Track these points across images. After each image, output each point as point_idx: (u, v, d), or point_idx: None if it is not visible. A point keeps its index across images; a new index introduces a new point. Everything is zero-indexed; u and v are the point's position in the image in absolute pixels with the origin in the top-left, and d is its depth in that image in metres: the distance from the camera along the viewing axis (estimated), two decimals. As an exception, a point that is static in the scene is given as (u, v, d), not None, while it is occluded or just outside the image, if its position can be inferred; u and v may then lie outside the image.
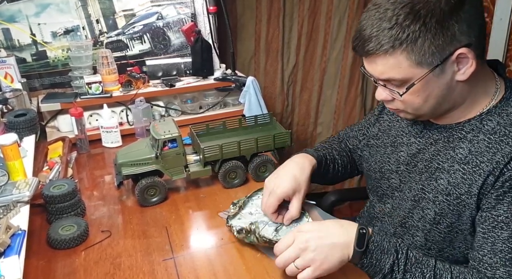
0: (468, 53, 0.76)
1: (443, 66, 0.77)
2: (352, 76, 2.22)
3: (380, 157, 1.01)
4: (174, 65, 1.64)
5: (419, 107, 0.83)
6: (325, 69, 2.19)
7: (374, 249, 0.78)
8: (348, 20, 2.08)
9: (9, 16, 1.47)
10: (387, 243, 0.79)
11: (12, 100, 1.34)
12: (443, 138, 0.87)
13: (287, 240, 0.81)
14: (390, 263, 0.77)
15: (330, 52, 2.15)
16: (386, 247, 0.78)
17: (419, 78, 0.78)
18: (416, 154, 0.92)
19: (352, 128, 1.18)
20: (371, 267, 0.79)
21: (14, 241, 0.83)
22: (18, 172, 1.01)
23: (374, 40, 0.76)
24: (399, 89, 0.81)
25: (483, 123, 0.82)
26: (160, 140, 1.09)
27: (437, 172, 0.86)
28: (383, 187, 1.00)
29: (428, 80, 0.78)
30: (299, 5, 2.01)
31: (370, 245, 0.78)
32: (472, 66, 0.78)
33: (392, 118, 1.02)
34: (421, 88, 0.80)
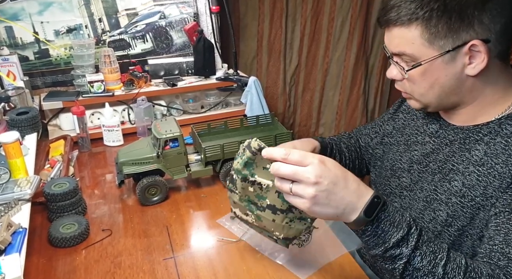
0: (481, 46, 0.75)
1: (454, 54, 0.77)
2: (355, 77, 2.22)
3: (393, 154, 1.00)
4: (176, 64, 1.64)
5: (424, 93, 0.83)
6: (327, 70, 2.19)
7: (384, 219, 0.69)
8: (351, 21, 2.08)
9: (12, 14, 1.47)
10: (400, 216, 0.70)
11: (14, 98, 1.34)
12: (459, 139, 0.85)
13: (305, 158, 0.68)
14: (397, 237, 0.69)
15: (333, 53, 2.15)
16: (397, 219, 0.69)
17: (427, 59, 0.78)
18: (430, 153, 0.90)
19: (366, 127, 1.18)
20: (374, 237, 0.70)
21: (15, 239, 0.84)
22: (19, 170, 1.02)
23: (395, 10, 0.78)
24: (407, 66, 0.81)
25: (501, 127, 0.80)
26: (162, 139, 1.09)
27: (451, 173, 0.84)
28: (392, 185, 0.99)
29: (436, 65, 0.78)
30: (302, 6, 2.01)
31: (380, 214, 0.69)
32: (483, 63, 0.76)
33: (407, 117, 1.02)
34: (427, 71, 0.80)
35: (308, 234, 0.98)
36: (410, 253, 0.69)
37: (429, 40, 0.77)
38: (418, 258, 0.69)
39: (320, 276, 0.87)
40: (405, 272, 0.69)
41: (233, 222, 1.03)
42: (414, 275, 0.69)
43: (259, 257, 0.92)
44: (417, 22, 0.77)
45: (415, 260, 0.69)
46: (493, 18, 0.75)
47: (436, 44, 0.77)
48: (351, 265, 0.90)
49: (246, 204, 0.84)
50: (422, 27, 0.77)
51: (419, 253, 0.69)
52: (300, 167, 0.68)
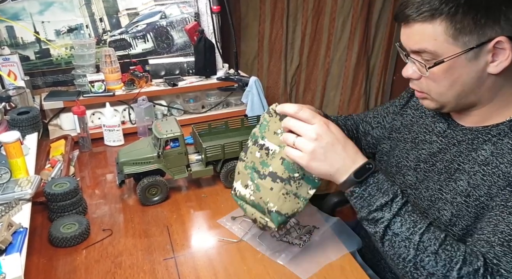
0: (506, 43, 0.73)
1: (478, 51, 0.75)
2: (356, 77, 2.22)
3: (399, 151, 0.99)
4: (177, 64, 1.64)
5: (443, 92, 0.81)
6: (328, 70, 2.19)
7: (372, 183, 0.76)
8: (352, 21, 2.08)
9: (13, 14, 1.47)
10: (389, 185, 0.76)
11: (15, 98, 1.34)
12: (467, 140, 0.84)
13: (313, 117, 0.77)
14: (381, 202, 0.75)
15: (334, 53, 2.15)
16: (385, 187, 0.76)
17: (450, 56, 0.75)
18: (437, 153, 0.89)
19: (367, 114, 1.17)
20: (360, 199, 0.76)
21: (16, 239, 0.84)
22: (20, 170, 1.02)
23: (416, 5, 0.75)
24: (428, 63, 0.78)
25: (511, 129, 0.79)
26: (162, 139, 1.09)
27: (456, 173, 0.83)
28: (397, 182, 0.98)
29: (459, 62, 0.76)
30: (303, 6, 2.00)
31: (369, 178, 0.76)
32: (507, 60, 0.75)
33: (415, 113, 1.00)
34: (450, 69, 0.77)
35: (309, 234, 0.98)
36: (391, 218, 0.74)
37: (453, 36, 0.74)
38: (398, 224, 0.74)
39: (321, 276, 0.87)
40: (385, 236, 0.74)
41: (233, 222, 1.03)
42: (392, 240, 0.74)
43: (260, 257, 0.92)
44: (441, 17, 0.74)
45: (395, 225, 0.74)
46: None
47: (460, 41, 0.74)
48: (352, 266, 0.90)
49: (249, 172, 0.90)
50: (446, 23, 0.74)
51: (399, 219, 0.74)
52: (306, 124, 0.77)
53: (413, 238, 0.73)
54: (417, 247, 0.72)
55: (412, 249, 0.72)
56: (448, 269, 0.70)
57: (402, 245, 0.73)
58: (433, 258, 0.71)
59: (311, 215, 1.05)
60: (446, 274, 0.69)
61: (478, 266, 0.69)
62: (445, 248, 0.71)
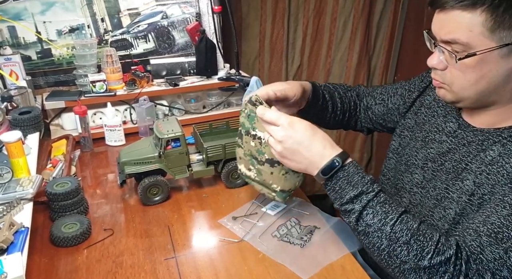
0: None
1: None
2: (357, 77, 2.22)
3: (409, 150, 0.99)
4: (178, 64, 1.64)
5: (467, 86, 0.78)
6: (329, 70, 2.19)
7: (341, 177, 0.79)
8: (353, 21, 2.08)
9: (15, 14, 1.47)
10: (359, 178, 0.79)
11: (17, 97, 1.34)
12: (478, 141, 0.83)
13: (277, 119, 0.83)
14: (351, 195, 0.78)
15: (335, 53, 2.15)
16: (355, 180, 0.78)
17: (483, 50, 0.73)
18: (446, 153, 0.88)
19: (375, 89, 1.17)
20: (332, 192, 0.81)
21: (17, 238, 0.84)
22: (22, 169, 1.02)
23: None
24: (459, 55, 0.75)
25: None
26: (164, 139, 1.09)
27: (464, 173, 0.83)
28: (405, 180, 0.98)
29: (491, 57, 0.73)
30: (304, 6, 2.00)
31: (339, 172, 0.79)
32: None
33: (428, 112, 0.99)
34: (480, 63, 0.74)
35: (310, 234, 0.98)
36: (361, 210, 0.77)
37: (491, 29, 0.71)
38: (370, 215, 0.76)
39: (322, 276, 0.87)
40: (358, 227, 0.78)
41: (234, 222, 1.03)
42: (365, 230, 0.77)
43: (261, 257, 0.92)
44: (482, 7, 0.71)
45: (367, 217, 0.76)
46: None
47: (496, 35, 0.72)
48: (353, 266, 0.90)
49: (249, 158, 0.96)
50: (487, 14, 0.71)
51: (371, 211, 0.76)
52: (272, 126, 0.84)
53: (385, 229, 0.74)
54: (389, 238, 0.74)
55: (385, 239, 0.74)
56: (420, 259, 0.71)
57: (375, 236, 0.75)
58: (405, 248, 0.73)
59: (312, 215, 1.05)
60: (418, 263, 0.71)
61: (450, 255, 0.70)
62: (417, 238, 0.73)
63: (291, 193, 0.95)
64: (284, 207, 1.08)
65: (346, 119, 1.18)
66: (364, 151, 2.43)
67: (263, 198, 1.12)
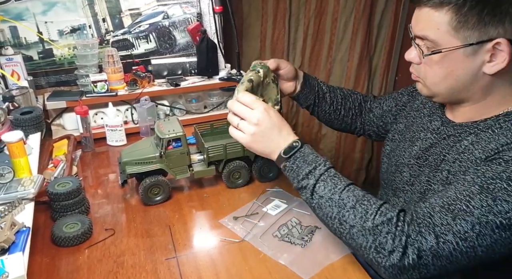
0: (506, 46, 0.74)
1: (477, 49, 0.76)
2: (358, 78, 2.22)
3: (399, 151, 1.02)
4: (179, 64, 1.64)
5: (437, 82, 0.83)
6: (330, 70, 2.19)
7: (299, 157, 0.87)
8: (354, 21, 2.08)
9: (17, 14, 1.47)
10: (314, 156, 0.86)
11: (18, 98, 1.35)
12: (456, 134, 0.87)
13: (253, 103, 0.89)
14: (306, 171, 0.85)
15: (336, 53, 2.15)
16: (310, 158, 0.86)
17: (448, 48, 0.77)
18: (429, 148, 0.92)
19: (380, 95, 1.24)
20: (291, 171, 0.87)
21: (19, 238, 0.84)
22: (23, 169, 1.02)
23: None
24: (428, 51, 0.81)
25: (497, 122, 0.81)
26: (165, 139, 1.09)
27: (442, 164, 0.86)
28: (397, 180, 1.01)
29: (456, 55, 0.78)
30: (305, 6, 2.00)
31: (297, 153, 0.87)
32: (503, 63, 0.75)
33: (416, 115, 1.03)
34: (446, 60, 0.79)
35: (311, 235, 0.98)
36: (314, 183, 0.84)
37: (455, 29, 0.75)
38: (322, 187, 0.83)
39: (323, 276, 0.87)
40: (313, 200, 0.84)
41: (235, 222, 1.04)
42: (319, 202, 0.83)
43: (262, 257, 0.92)
44: (448, 7, 0.75)
45: (320, 189, 0.83)
46: None
47: (461, 34, 0.75)
48: (354, 266, 0.90)
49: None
50: (452, 13, 0.75)
51: (322, 183, 0.83)
52: (248, 109, 0.89)
53: (334, 197, 0.81)
54: (338, 205, 0.80)
55: (335, 207, 0.81)
56: (365, 220, 0.77)
57: (327, 205, 0.82)
58: (352, 212, 0.79)
59: (313, 215, 1.05)
60: (363, 225, 0.77)
61: (391, 216, 0.75)
62: (361, 203, 0.79)
63: None
64: (285, 207, 1.08)
65: (352, 120, 1.24)
66: (364, 151, 2.43)
67: (264, 198, 1.12)
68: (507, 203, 0.69)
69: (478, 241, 0.70)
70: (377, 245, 0.74)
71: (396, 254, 0.72)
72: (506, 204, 0.69)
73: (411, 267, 0.72)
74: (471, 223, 0.70)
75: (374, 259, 0.76)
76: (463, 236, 0.70)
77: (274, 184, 1.19)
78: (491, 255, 0.71)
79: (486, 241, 0.70)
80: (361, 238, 0.77)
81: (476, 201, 0.71)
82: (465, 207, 0.71)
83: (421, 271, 0.73)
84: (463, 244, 0.70)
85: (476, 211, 0.70)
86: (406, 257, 0.72)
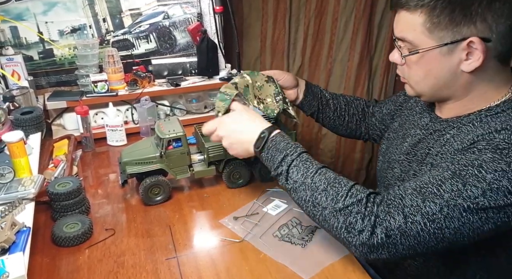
0: (478, 44, 0.76)
1: (452, 48, 0.78)
2: (358, 78, 2.21)
3: (392, 148, 1.05)
4: (179, 64, 1.64)
5: (419, 81, 0.87)
6: (331, 70, 2.18)
7: (271, 147, 0.90)
8: (355, 21, 2.08)
9: (17, 14, 1.48)
10: (285, 144, 0.89)
11: (18, 98, 1.35)
12: (441, 129, 0.90)
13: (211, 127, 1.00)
14: (279, 158, 0.88)
15: (336, 53, 2.15)
16: (281, 146, 0.89)
17: (425, 48, 0.80)
18: (417, 143, 0.94)
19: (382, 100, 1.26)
20: (267, 161, 0.91)
21: (19, 238, 0.84)
22: (23, 169, 1.02)
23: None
24: (407, 51, 0.84)
25: (478, 117, 0.84)
26: (165, 139, 1.09)
27: (427, 157, 0.89)
28: (389, 176, 1.03)
29: (433, 55, 0.81)
30: (305, 6, 2.00)
31: (268, 143, 0.91)
32: (478, 61, 0.77)
33: (409, 113, 1.06)
34: (423, 60, 0.82)
35: (311, 234, 0.98)
36: (287, 169, 0.87)
37: (429, 30, 0.78)
38: (295, 173, 0.86)
39: (323, 276, 0.87)
40: (288, 185, 0.87)
41: (236, 222, 1.04)
42: (294, 187, 0.86)
43: (262, 257, 0.92)
44: (421, 9, 0.78)
45: (293, 174, 0.86)
46: (498, 19, 0.75)
47: (435, 35, 0.78)
48: (354, 266, 0.90)
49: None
50: (425, 15, 0.78)
51: (295, 169, 0.86)
52: (213, 133, 1.00)
53: (307, 181, 0.84)
54: (311, 188, 0.83)
55: (308, 191, 0.83)
56: (336, 202, 0.79)
57: (301, 189, 0.84)
58: (323, 194, 0.81)
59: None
60: (334, 206, 0.79)
61: (361, 197, 0.78)
62: (333, 185, 0.81)
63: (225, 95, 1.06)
64: (286, 207, 1.08)
65: (357, 125, 1.28)
66: (365, 152, 2.43)
67: (264, 198, 1.12)
68: (476, 188, 0.71)
69: (445, 223, 0.72)
70: (348, 225, 0.77)
71: (365, 233, 0.75)
72: (475, 189, 0.71)
73: (380, 246, 0.75)
74: (440, 205, 0.72)
75: (345, 239, 0.79)
76: (431, 217, 0.73)
77: (274, 184, 1.19)
78: (459, 238, 0.73)
79: (454, 223, 0.72)
80: (333, 219, 0.80)
81: (447, 185, 0.73)
82: (436, 191, 0.74)
83: (390, 250, 0.75)
84: (430, 225, 0.73)
85: (446, 194, 0.73)
86: (375, 236, 0.75)
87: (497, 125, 0.78)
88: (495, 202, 0.70)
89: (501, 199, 0.70)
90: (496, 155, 0.72)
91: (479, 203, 0.71)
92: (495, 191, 0.70)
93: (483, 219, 0.72)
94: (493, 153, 0.73)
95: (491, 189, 0.71)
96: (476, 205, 0.71)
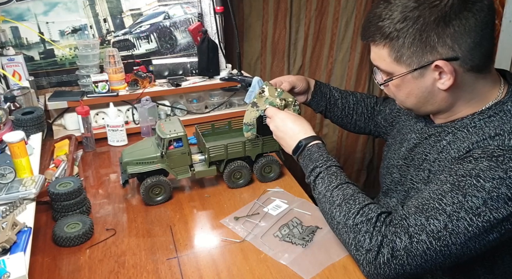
0: (445, 66, 0.78)
1: (422, 71, 0.81)
2: (359, 78, 2.22)
3: (390, 153, 1.06)
4: (180, 64, 1.64)
5: (403, 100, 0.91)
6: (331, 70, 2.19)
7: (306, 156, 0.98)
8: (355, 21, 2.08)
9: (18, 15, 1.48)
10: (318, 155, 0.96)
11: (19, 98, 1.35)
12: (436, 133, 0.91)
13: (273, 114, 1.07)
14: (310, 168, 0.96)
15: (337, 53, 2.15)
16: (314, 157, 0.96)
17: (397, 75, 0.84)
18: (413, 148, 0.96)
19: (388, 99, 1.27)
20: (303, 169, 0.99)
21: (20, 238, 0.84)
22: (24, 169, 1.02)
23: (369, 28, 0.84)
24: (385, 77, 0.87)
25: (471, 121, 0.85)
26: (166, 139, 1.09)
27: (424, 163, 0.90)
28: (387, 181, 1.05)
29: (407, 79, 0.84)
30: (306, 6, 2.00)
31: (304, 152, 0.99)
32: (450, 80, 0.80)
33: (406, 118, 1.08)
34: (401, 84, 0.86)
35: (312, 235, 0.98)
36: (314, 179, 0.94)
37: (396, 59, 0.82)
38: (320, 184, 0.92)
39: (324, 276, 0.87)
40: (314, 195, 0.94)
41: (236, 222, 1.04)
42: (318, 198, 0.93)
43: (263, 257, 0.92)
44: (384, 42, 0.81)
45: (318, 185, 0.93)
46: (457, 39, 0.77)
47: (403, 63, 0.82)
48: (355, 266, 0.89)
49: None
50: (389, 47, 0.81)
51: (321, 180, 0.92)
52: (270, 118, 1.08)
53: (327, 194, 0.90)
54: (329, 201, 0.89)
55: (327, 203, 0.89)
56: (347, 218, 0.83)
57: (323, 201, 0.91)
58: (338, 209, 0.86)
59: (314, 216, 1.05)
60: (346, 222, 0.84)
61: (371, 217, 0.80)
62: (347, 202, 0.85)
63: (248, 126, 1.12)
64: (286, 207, 1.08)
65: (365, 123, 1.30)
66: (365, 152, 2.43)
67: (265, 198, 1.12)
68: (476, 198, 0.72)
69: (451, 240, 0.73)
70: (356, 242, 0.80)
71: (372, 253, 0.77)
72: (476, 199, 0.72)
73: (386, 266, 0.76)
74: (444, 222, 0.73)
75: (354, 256, 0.82)
76: (436, 235, 0.73)
77: (275, 184, 1.19)
78: (466, 252, 0.74)
79: (460, 239, 0.73)
80: (345, 235, 0.84)
81: (448, 198, 0.74)
82: (438, 205, 0.74)
83: (397, 271, 0.76)
84: (436, 243, 0.73)
85: (448, 207, 0.73)
86: (381, 255, 0.76)
87: (490, 131, 0.79)
88: (497, 210, 0.71)
89: (502, 207, 0.71)
90: (492, 163, 0.73)
91: (481, 213, 0.71)
92: (495, 199, 0.71)
93: (488, 230, 0.72)
94: (489, 160, 0.74)
95: (491, 197, 0.71)
96: (478, 217, 0.72)
